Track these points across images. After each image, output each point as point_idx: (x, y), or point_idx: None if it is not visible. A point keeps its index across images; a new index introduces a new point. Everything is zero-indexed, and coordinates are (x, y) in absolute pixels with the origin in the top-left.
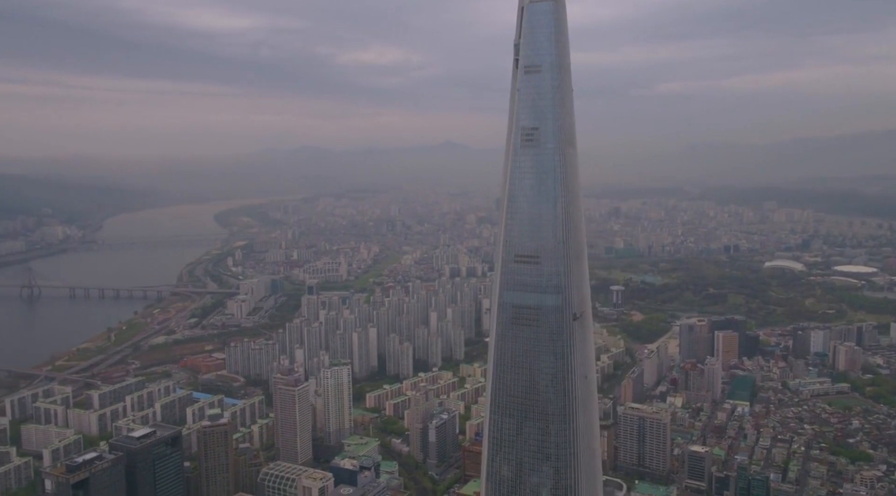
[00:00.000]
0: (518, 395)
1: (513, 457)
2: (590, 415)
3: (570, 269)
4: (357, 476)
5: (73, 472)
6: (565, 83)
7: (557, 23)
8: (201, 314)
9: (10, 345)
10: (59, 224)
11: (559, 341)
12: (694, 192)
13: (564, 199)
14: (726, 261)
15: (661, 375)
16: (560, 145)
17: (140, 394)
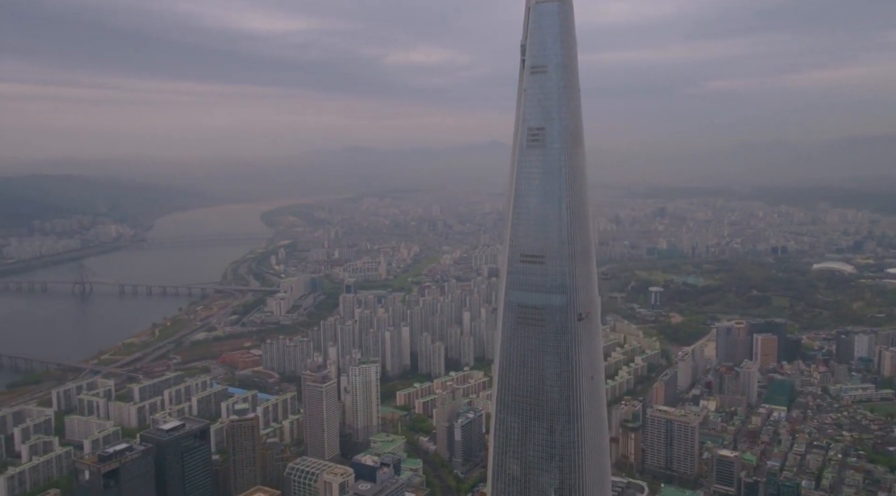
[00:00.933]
0: (523, 395)
1: (518, 456)
2: (596, 416)
3: (576, 270)
4: (376, 472)
5: (104, 462)
6: (572, 83)
7: (564, 23)
8: (242, 311)
9: (61, 339)
10: (112, 223)
11: (564, 341)
12: (744, 192)
13: (570, 198)
14: (773, 263)
15: (696, 378)
16: (566, 145)
17: (178, 389)
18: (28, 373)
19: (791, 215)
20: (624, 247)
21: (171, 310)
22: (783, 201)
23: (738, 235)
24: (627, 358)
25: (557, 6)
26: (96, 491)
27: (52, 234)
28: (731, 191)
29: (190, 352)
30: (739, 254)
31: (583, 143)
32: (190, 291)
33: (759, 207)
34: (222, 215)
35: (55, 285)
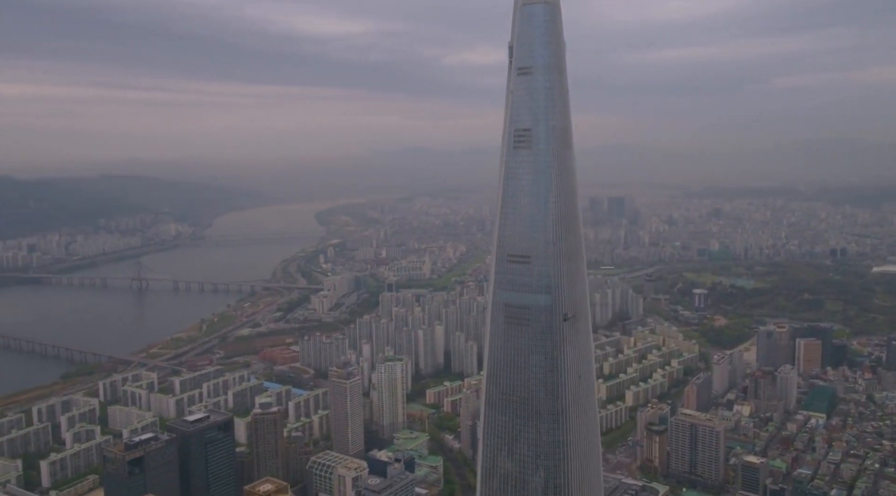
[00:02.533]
0: (510, 394)
1: (507, 456)
2: (585, 416)
3: (563, 270)
4: (387, 468)
5: (130, 451)
6: (559, 85)
7: (551, 25)
8: (287, 308)
9: (115, 332)
10: (172, 222)
11: (549, 341)
12: (807, 192)
13: (557, 199)
14: (830, 266)
15: (733, 382)
16: (553, 146)
17: (216, 382)
18: (82, 364)
19: (855, 216)
20: (674, 248)
21: (220, 307)
22: (848, 202)
23: (795, 237)
24: (663, 360)
25: (545, 8)
26: (122, 477)
27: (116, 232)
28: (794, 191)
29: (233, 348)
30: (795, 257)
31: (572, 144)
32: (240, 288)
33: (821, 208)
34: (279, 215)
35: (114, 281)
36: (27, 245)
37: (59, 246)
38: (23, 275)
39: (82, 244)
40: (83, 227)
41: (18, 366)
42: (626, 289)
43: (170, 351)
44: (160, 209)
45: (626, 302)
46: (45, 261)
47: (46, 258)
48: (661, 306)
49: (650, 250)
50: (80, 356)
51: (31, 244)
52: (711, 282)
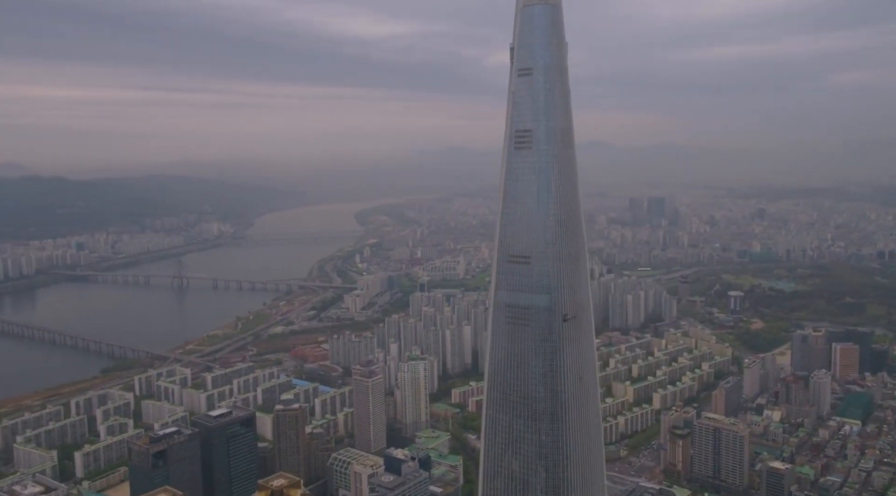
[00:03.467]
0: (511, 394)
1: (508, 455)
2: (586, 417)
3: (563, 270)
4: (401, 465)
5: (154, 444)
6: (560, 85)
7: (552, 26)
8: (320, 307)
9: (155, 329)
10: (215, 221)
11: (549, 342)
12: (858, 193)
13: (558, 200)
14: (876, 269)
15: (765, 387)
16: (553, 147)
17: (247, 379)
18: (122, 359)
19: None
20: (714, 249)
21: (256, 305)
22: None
23: (842, 239)
24: (694, 363)
25: (546, 9)
26: (146, 469)
27: (160, 231)
28: (844, 191)
29: (266, 345)
30: (840, 259)
31: (573, 144)
32: (277, 287)
33: (871, 209)
34: (319, 214)
35: (157, 279)
36: (76, 243)
37: (106, 244)
38: (71, 273)
39: (128, 243)
40: (129, 226)
41: (62, 361)
42: (660, 290)
43: (205, 347)
44: (203, 209)
45: (660, 304)
46: (92, 259)
47: (93, 256)
48: (696, 308)
49: (689, 251)
50: (120, 351)
51: (80, 242)
52: (750, 284)
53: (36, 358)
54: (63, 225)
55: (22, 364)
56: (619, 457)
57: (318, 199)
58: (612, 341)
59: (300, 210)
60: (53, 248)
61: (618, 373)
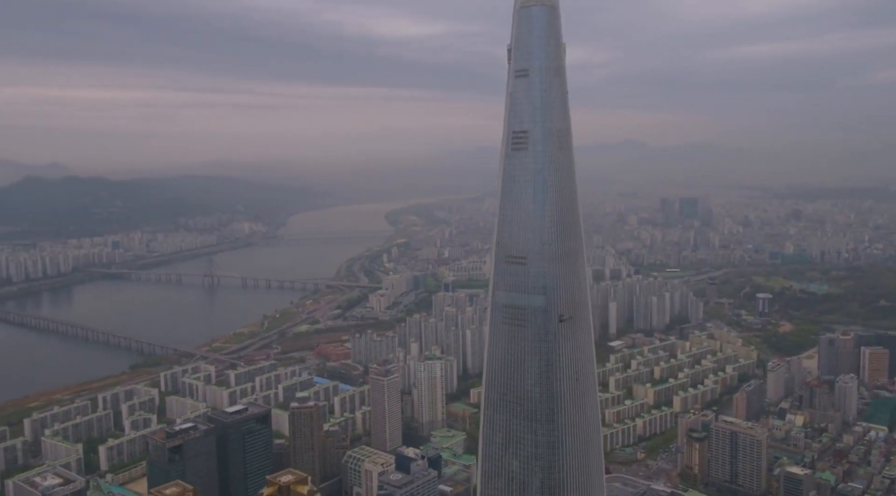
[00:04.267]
0: (507, 394)
1: (505, 455)
2: (584, 417)
3: (559, 271)
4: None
5: (170, 438)
6: (557, 87)
7: (549, 27)
8: (346, 306)
9: (184, 326)
10: (247, 221)
11: (545, 342)
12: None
13: (555, 201)
14: None
15: (789, 391)
16: (549, 148)
17: (269, 376)
18: (150, 356)
19: None
20: (746, 250)
21: (283, 303)
22: None
23: (880, 240)
24: (717, 366)
25: (543, 10)
26: (163, 463)
27: (194, 231)
28: (885, 191)
29: (290, 343)
30: (877, 261)
31: (570, 145)
32: (304, 286)
33: None
34: (351, 214)
35: (188, 277)
36: (112, 242)
37: (141, 243)
38: (106, 271)
39: (162, 242)
40: (164, 226)
41: (94, 357)
42: (686, 292)
43: (231, 345)
44: (236, 208)
45: (686, 305)
46: (127, 258)
47: (128, 255)
48: (723, 310)
49: (719, 253)
50: (150, 348)
51: (116, 241)
52: (780, 286)
53: (69, 353)
54: (100, 224)
55: (56, 359)
56: (636, 459)
57: (349, 199)
58: (636, 343)
59: (332, 210)
60: (90, 246)
61: (639, 375)
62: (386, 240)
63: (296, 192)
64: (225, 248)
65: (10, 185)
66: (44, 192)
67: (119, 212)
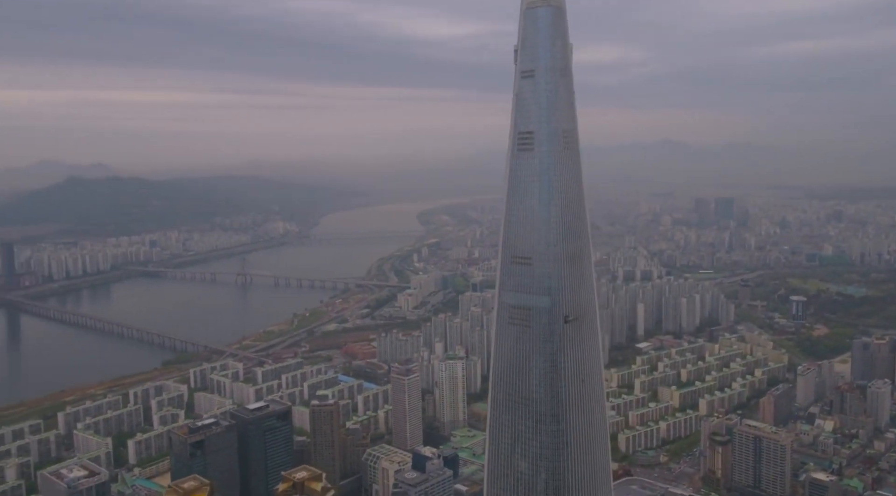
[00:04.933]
0: (512, 394)
1: (510, 454)
2: (590, 419)
3: (564, 272)
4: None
5: (192, 434)
6: (563, 87)
7: (555, 28)
8: (374, 305)
9: (216, 324)
10: (281, 220)
11: (550, 343)
12: None
13: (560, 201)
14: None
15: (820, 395)
16: (555, 149)
17: (295, 374)
18: (182, 353)
19: None
20: (782, 252)
21: (313, 302)
22: None
23: None
24: (746, 369)
25: (549, 11)
26: (185, 458)
27: (229, 230)
28: None
29: (318, 342)
30: None
31: (576, 146)
32: (335, 285)
33: None
34: (384, 214)
35: (222, 276)
36: (149, 241)
37: (178, 242)
38: (143, 269)
39: (198, 241)
40: (200, 225)
41: (128, 353)
42: (717, 294)
43: (261, 343)
44: (271, 208)
45: (717, 307)
46: (163, 256)
47: (165, 253)
48: (756, 313)
49: (755, 254)
50: (182, 345)
51: (153, 240)
52: (816, 289)
53: (106, 349)
54: (139, 223)
55: (92, 355)
56: (658, 462)
57: (383, 199)
58: (664, 345)
59: (366, 210)
60: (128, 245)
61: (665, 378)
62: (417, 240)
63: (330, 192)
64: (259, 247)
65: (55, 186)
66: (86, 192)
67: (157, 211)
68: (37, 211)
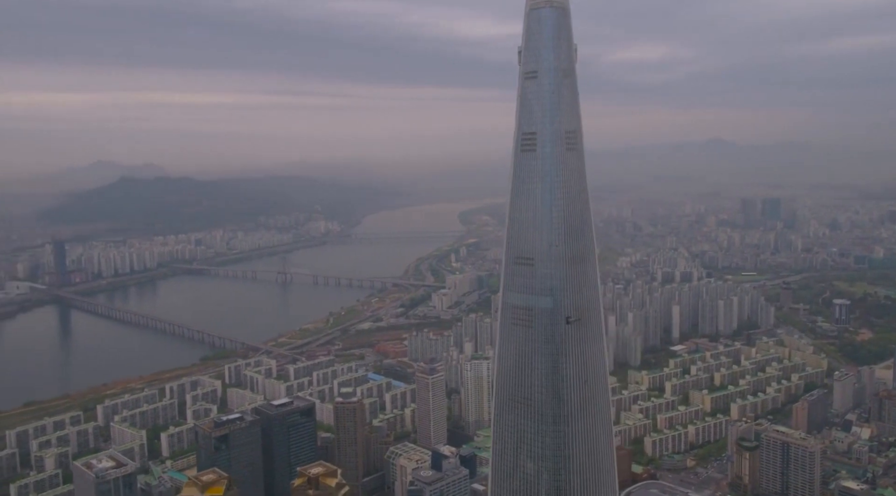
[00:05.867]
0: (516, 395)
1: (513, 454)
2: (593, 420)
3: (566, 273)
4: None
5: (217, 428)
6: (566, 88)
7: (559, 29)
8: (409, 305)
9: (254, 321)
10: (323, 220)
11: (552, 343)
12: None
13: (563, 202)
14: None
15: (858, 402)
16: (557, 149)
17: (325, 372)
18: (221, 349)
19: None
20: (830, 254)
21: (350, 301)
22: None
23: None
24: (782, 374)
25: (552, 12)
26: (210, 452)
27: (273, 229)
28: None
29: (352, 340)
30: None
31: (579, 147)
32: (372, 284)
33: None
34: (425, 214)
35: (263, 274)
36: (195, 239)
37: (222, 241)
38: (188, 267)
39: (241, 239)
40: (245, 224)
41: (169, 348)
42: (757, 296)
43: (296, 340)
44: (314, 208)
45: (756, 310)
46: (208, 255)
47: (209, 252)
48: (798, 316)
49: (801, 256)
50: (220, 342)
51: (198, 238)
52: (863, 292)
53: (148, 345)
54: (187, 222)
55: (136, 350)
56: (684, 466)
57: (426, 198)
58: (699, 347)
59: (408, 209)
60: (175, 243)
61: (697, 381)
62: (456, 239)
63: (373, 191)
64: (301, 246)
65: (108, 185)
66: (136, 192)
67: (204, 211)
68: (90, 210)
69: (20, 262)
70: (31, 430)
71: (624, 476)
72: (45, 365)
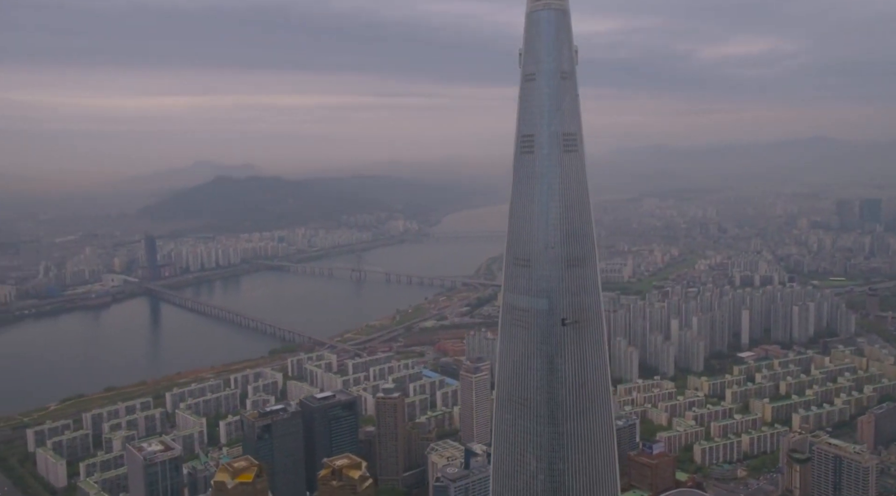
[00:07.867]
0: (515, 395)
1: (512, 454)
2: (592, 424)
3: (564, 275)
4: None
5: (262, 417)
6: (565, 90)
7: (559, 31)
8: (475, 304)
9: (325, 316)
10: (401, 219)
11: (548, 345)
12: None
13: (560, 204)
14: None
15: None
16: (555, 152)
17: (382, 368)
18: (289, 343)
19: None
20: None
21: (418, 299)
22: None
23: None
24: (855, 385)
25: (552, 14)
26: (254, 440)
27: (353, 228)
28: None
29: (415, 337)
30: None
31: (579, 149)
32: (442, 282)
33: None
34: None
35: (338, 271)
36: (278, 237)
37: (304, 238)
38: (269, 263)
39: (322, 237)
40: (327, 222)
41: (243, 341)
42: (838, 302)
43: (360, 336)
44: (396, 207)
45: (837, 318)
46: (289, 252)
47: (291, 249)
48: (884, 325)
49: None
50: (290, 336)
51: (282, 236)
52: None
53: (224, 336)
54: (274, 220)
55: (212, 341)
56: (734, 476)
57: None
58: (768, 355)
59: (489, 208)
60: (259, 240)
61: (761, 390)
62: None
63: (456, 190)
64: (378, 244)
65: (204, 184)
66: (230, 190)
67: (291, 209)
68: (187, 207)
69: (117, 257)
70: (105, 414)
71: (667, 483)
72: (130, 353)
